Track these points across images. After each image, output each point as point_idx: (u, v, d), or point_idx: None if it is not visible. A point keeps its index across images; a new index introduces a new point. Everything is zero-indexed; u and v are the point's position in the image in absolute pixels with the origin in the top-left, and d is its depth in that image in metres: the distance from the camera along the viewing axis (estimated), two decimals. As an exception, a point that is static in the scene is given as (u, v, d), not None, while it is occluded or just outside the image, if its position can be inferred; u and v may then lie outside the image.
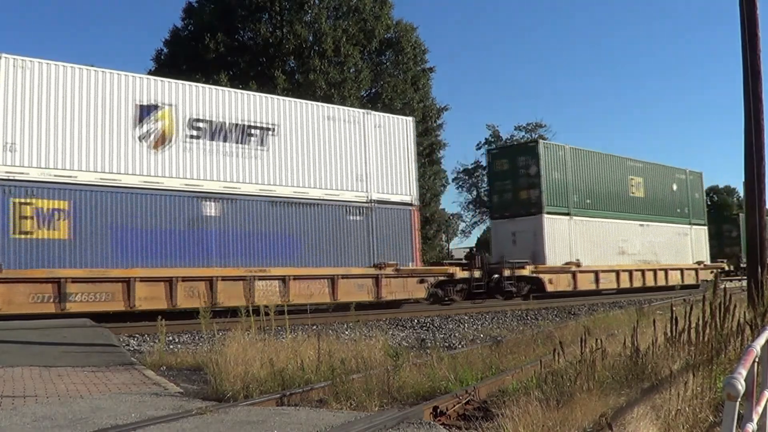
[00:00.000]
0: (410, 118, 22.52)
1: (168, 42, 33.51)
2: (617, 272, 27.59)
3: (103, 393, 6.63)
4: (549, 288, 24.46)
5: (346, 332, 12.91)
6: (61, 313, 14.23)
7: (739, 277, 34.19)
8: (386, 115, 21.97)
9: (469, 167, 63.84)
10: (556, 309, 20.24)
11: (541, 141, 27.32)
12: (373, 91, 33.81)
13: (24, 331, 11.87)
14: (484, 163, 63.41)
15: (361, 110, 21.28)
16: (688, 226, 32.68)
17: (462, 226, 61.51)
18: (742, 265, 36.49)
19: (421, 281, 20.79)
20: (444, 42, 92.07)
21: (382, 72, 34.14)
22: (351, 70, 32.32)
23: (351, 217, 19.64)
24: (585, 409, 4.76)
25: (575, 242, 26.10)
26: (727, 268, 35.86)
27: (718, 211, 41.86)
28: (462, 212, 62.43)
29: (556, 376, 5.76)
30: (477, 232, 59.12)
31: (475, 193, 62.74)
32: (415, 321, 16.67)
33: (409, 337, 13.90)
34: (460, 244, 62.70)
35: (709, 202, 78.48)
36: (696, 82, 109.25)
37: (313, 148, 19.04)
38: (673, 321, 5.98)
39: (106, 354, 9.77)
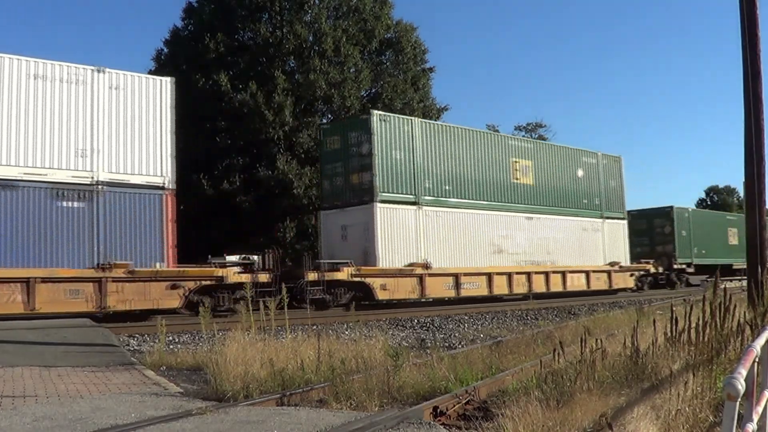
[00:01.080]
0: (167, 79, 17.92)
1: (168, 42, 33.48)
2: (489, 276, 22.57)
3: (103, 393, 6.63)
4: (381, 296, 19.90)
5: (346, 332, 12.92)
6: None
7: (665, 281, 33.04)
8: (129, 73, 17.27)
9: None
10: (556, 309, 20.24)
11: (375, 113, 21.40)
12: (373, 91, 33.79)
13: (24, 331, 11.88)
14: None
15: (92, 67, 16.57)
16: (600, 220, 28.06)
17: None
18: (675, 266, 34.55)
19: (174, 287, 16.42)
20: (444, 42, 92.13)
21: (382, 72, 34.11)
22: (351, 70, 32.30)
23: (65, 203, 15.49)
24: (585, 409, 4.76)
25: (427, 238, 21.11)
26: (653, 270, 31.89)
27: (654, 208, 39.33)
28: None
29: (556, 376, 5.76)
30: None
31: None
32: (415, 321, 16.68)
33: (409, 337, 13.90)
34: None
35: (709, 202, 78.67)
36: (696, 81, 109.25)
37: (9, 112, 15.04)
38: (673, 321, 5.98)
39: (106, 354, 9.77)
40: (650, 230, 35.99)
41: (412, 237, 20.98)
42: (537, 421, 4.63)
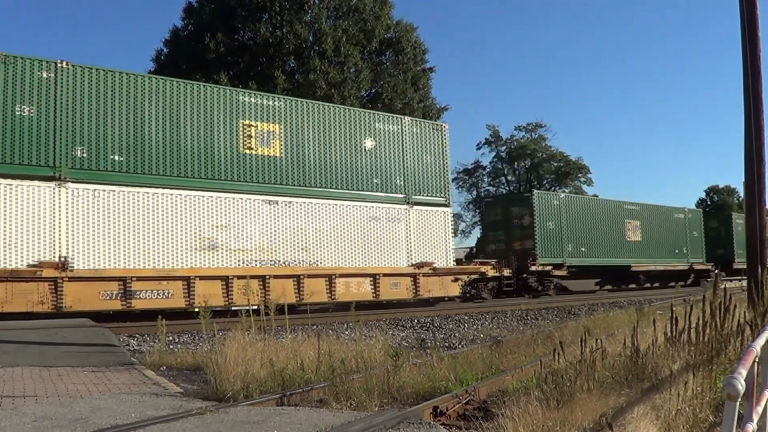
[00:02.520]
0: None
1: (168, 42, 33.53)
2: (188, 280, 16.42)
3: (103, 393, 6.63)
4: None
5: (346, 332, 12.92)
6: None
7: (523, 287, 25.97)
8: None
9: (469, 167, 64.12)
10: (556, 309, 20.25)
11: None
12: (373, 91, 33.82)
13: (24, 331, 11.88)
14: (484, 162, 63.41)
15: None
16: (403, 207, 20.73)
17: (462, 226, 61.52)
18: (534, 268, 26.61)
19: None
20: (444, 42, 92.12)
21: (382, 72, 34.14)
22: (351, 70, 32.32)
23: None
24: (585, 409, 4.76)
25: (74, 227, 15.33)
26: (493, 273, 24.02)
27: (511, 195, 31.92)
28: (462, 212, 62.46)
29: (556, 376, 5.76)
30: (477, 232, 59.10)
31: (475, 193, 62.85)
32: (415, 321, 16.68)
33: (409, 337, 13.90)
34: (460, 244, 62.64)
35: (709, 202, 78.71)
36: (696, 82, 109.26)
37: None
38: (673, 321, 5.98)
39: (106, 354, 9.77)
40: (506, 222, 28.28)
41: (47, 225, 15.05)
42: (537, 421, 4.63)
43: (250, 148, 18.06)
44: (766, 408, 3.35)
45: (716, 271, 37.04)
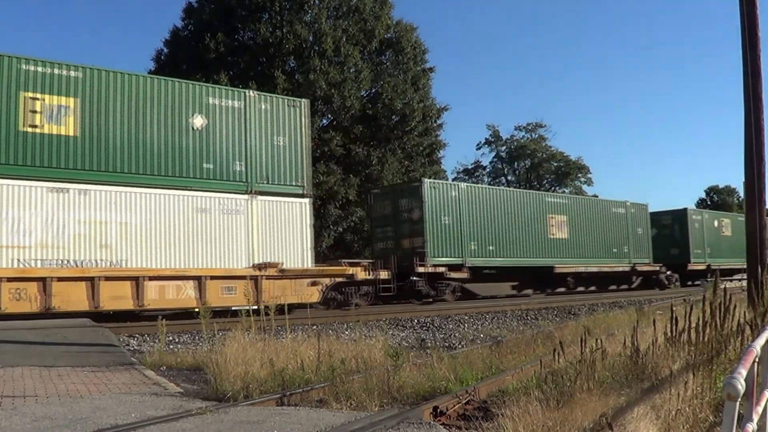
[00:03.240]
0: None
1: (168, 42, 33.53)
2: None
3: (103, 393, 6.63)
4: None
5: (346, 332, 12.92)
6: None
7: (411, 291, 22.30)
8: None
9: (469, 167, 64.18)
10: (556, 309, 20.25)
11: None
12: (373, 91, 33.81)
13: (24, 331, 11.88)
14: (484, 163, 63.39)
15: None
16: (243, 197, 17.86)
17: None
18: (422, 270, 22.56)
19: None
20: (444, 42, 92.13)
21: (382, 72, 34.13)
22: (351, 70, 32.32)
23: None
24: (585, 409, 4.76)
25: None
26: (364, 276, 20.20)
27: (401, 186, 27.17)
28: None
29: (556, 376, 5.76)
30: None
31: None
32: (415, 321, 16.69)
33: (409, 337, 13.90)
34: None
35: (709, 202, 78.69)
36: (696, 82, 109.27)
37: None
38: (673, 321, 5.98)
39: (106, 354, 9.77)
40: (395, 216, 24.53)
41: None
42: (537, 421, 4.63)
43: (33, 126, 15.07)
44: (766, 408, 3.35)
45: (667, 273, 34.39)
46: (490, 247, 25.47)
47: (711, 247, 38.07)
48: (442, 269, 23.34)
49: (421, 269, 22.67)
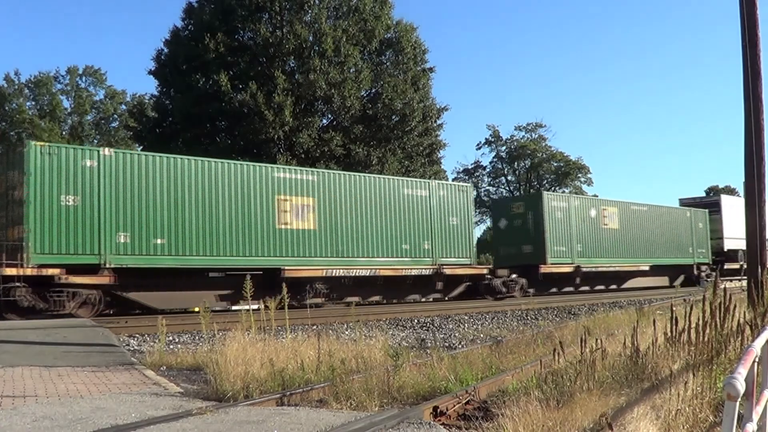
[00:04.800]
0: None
1: (168, 42, 33.52)
2: None
3: (103, 393, 6.63)
4: None
5: (346, 332, 12.92)
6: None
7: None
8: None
9: (469, 167, 64.22)
10: (556, 309, 20.25)
11: None
12: (373, 91, 33.80)
13: (24, 331, 11.89)
14: (484, 163, 63.35)
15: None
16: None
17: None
18: (18, 273, 15.34)
19: None
20: (444, 42, 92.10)
21: (382, 72, 34.11)
22: (351, 70, 32.31)
23: None
24: (585, 409, 4.76)
25: None
26: None
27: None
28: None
29: (556, 376, 5.76)
30: (477, 232, 59.02)
31: (475, 193, 62.87)
32: (415, 321, 16.68)
33: (409, 337, 13.90)
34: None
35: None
36: (697, 81, 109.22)
37: None
38: (673, 321, 5.98)
39: (106, 354, 9.77)
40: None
41: None
42: (537, 421, 4.64)
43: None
44: (766, 408, 3.35)
45: (510, 277, 25.65)
46: (158, 241, 17.86)
47: (584, 243, 28.78)
48: (54, 272, 16.25)
49: (13, 272, 15.62)
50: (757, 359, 3.18)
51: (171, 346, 11.63)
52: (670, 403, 4.95)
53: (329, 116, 33.72)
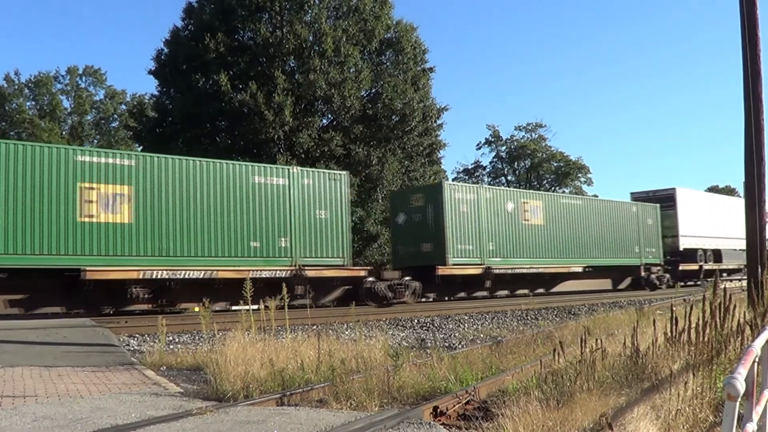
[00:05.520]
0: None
1: (168, 42, 33.50)
2: None
3: (103, 393, 6.63)
4: None
5: (346, 332, 12.92)
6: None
7: None
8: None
9: (469, 167, 64.22)
10: (556, 309, 20.25)
11: None
12: (373, 91, 33.79)
13: (24, 331, 11.89)
14: (484, 163, 63.34)
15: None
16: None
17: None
18: None
19: None
20: (444, 42, 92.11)
21: (382, 72, 34.09)
22: (351, 70, 32.29)
23: None
24: (585, 409, 4.76)
25: None
26: None
27: None
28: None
29: (556, 376, 5.76)
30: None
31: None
32: (415, 321, 16.68)
33: (409, 337, 13.90)
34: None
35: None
36: (697, 81, 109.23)
37: None
38: (673, 321, 5.98)
39: (106, 354, 9.77)
40: None
41: None
42: (537, 421, 4.64)
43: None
44: (766, 408, 3.35)
45: (400, 281, 21.55)
46: None
47: (498, 241, 24.74)
48: None
49: None
50: (757, 359, 3.18)
51: (171, 346, 11.63)
52: (670, 403, 4.95)
53: (329, 116, 33.71)
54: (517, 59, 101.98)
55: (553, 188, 59.81)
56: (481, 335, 14.23)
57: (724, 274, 36.84)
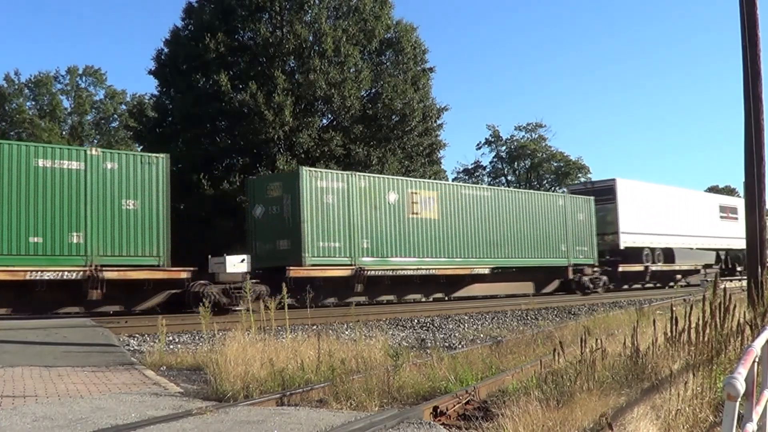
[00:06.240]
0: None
1: (168, 42, 33.49)
2: None
3: (103, 393, 6.63)
4: None
5: (346, 332, 12.92)
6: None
7: None
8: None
9: (469, 167, 64.23)
10: (556, 309, 20.26)
11: None
12: (373, 91, 33.78)
13: (24, 331, 11.89)
14: (484, 162, 63.34)
15: None
16: None
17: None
18: None
19: None
20: (444, 42, 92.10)
21: (382, 72, 34.07)
22: (351, 70, 32.28)
23: None
24: (585, 409, 4.76)
25: None
26: None
27: None
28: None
29: (556, 376, 5.77)
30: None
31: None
32: (415, 321, 16.69)
33: (409, 337, 13.90)
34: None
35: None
36: (697, 81, 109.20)
37: None
38: (673, 321, 5.98)
39: (106, 354, 9.77)
40: None
41: None
42: (537, 421, 4.64)
43: None
44: (766, 408, 3.35)
45: (200, 283, 17.54)
46: None
47: (375, 237, 20.90)
48: None
49: None
50: (757, 359, 3.18)
51: (171, 346, 11.63)
52: (670, 403, 4.95)
53: (329, 116, 33.69)
54: (517, 59, 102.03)
55: (553, 188, 59.81)
56: (481, 335, 14.23)
57: (678, 276, 34.60)
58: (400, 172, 33.15)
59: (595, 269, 28.87)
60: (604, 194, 30.63)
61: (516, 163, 64.34)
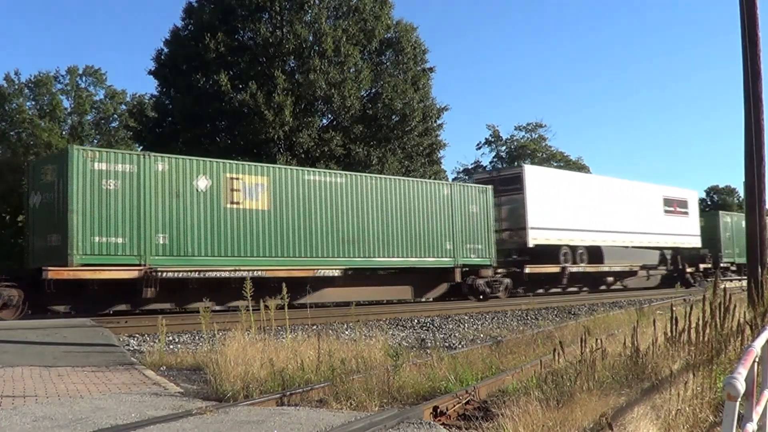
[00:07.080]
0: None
1: (168, 42, 33.50)
2: None
3: (103, 393, 6.63)
4: None
5: (346, 332, 12.92)
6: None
7: None
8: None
9: (469, 167, 64.24)
10: (556, 309, 20.26)
11: None
12: (373, 91, 33.78)
13: (24, 331, 11.90)
14: (484, 162, 63.34)
15: None
16: None
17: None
18: None
19: None
20: (444, 42, 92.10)
21: (382, 72, 34.08)
22: (351, 70, 32.28)
23: None
24: (585, 409, 4.76)
25: None
26: None
27: None
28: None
29: (556, 375, 5.77)
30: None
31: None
32: (415, 321, 16.68)
33: (409, 337, 13.90)
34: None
35: (709, 202, 78.64)
36: (697, 81, 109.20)
37: None
38: (673, 321, 5.98)
39: (106, 354, 9.77)
40: None
41: None
42: (537, 421, 4.64)
43: None
44: (766, 408, 3.35)
45: None
46: None
47: (178, 232, 17.22)
48: None
49: None
50: (757, 359, 3.18)
51: (171, 346, 11.62)
52: (670, 403, 4.95)
53: (329, 116, 33.70)
54: (517, 59, 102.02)
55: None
56: (481, 335, 14.23)
57: (609, 279, 31.06)
58: (400, 172, 33.18)
59: (498, 271, 24.78)
60: (512, 183, 26.50)
61: (516, 163, 64.34)
